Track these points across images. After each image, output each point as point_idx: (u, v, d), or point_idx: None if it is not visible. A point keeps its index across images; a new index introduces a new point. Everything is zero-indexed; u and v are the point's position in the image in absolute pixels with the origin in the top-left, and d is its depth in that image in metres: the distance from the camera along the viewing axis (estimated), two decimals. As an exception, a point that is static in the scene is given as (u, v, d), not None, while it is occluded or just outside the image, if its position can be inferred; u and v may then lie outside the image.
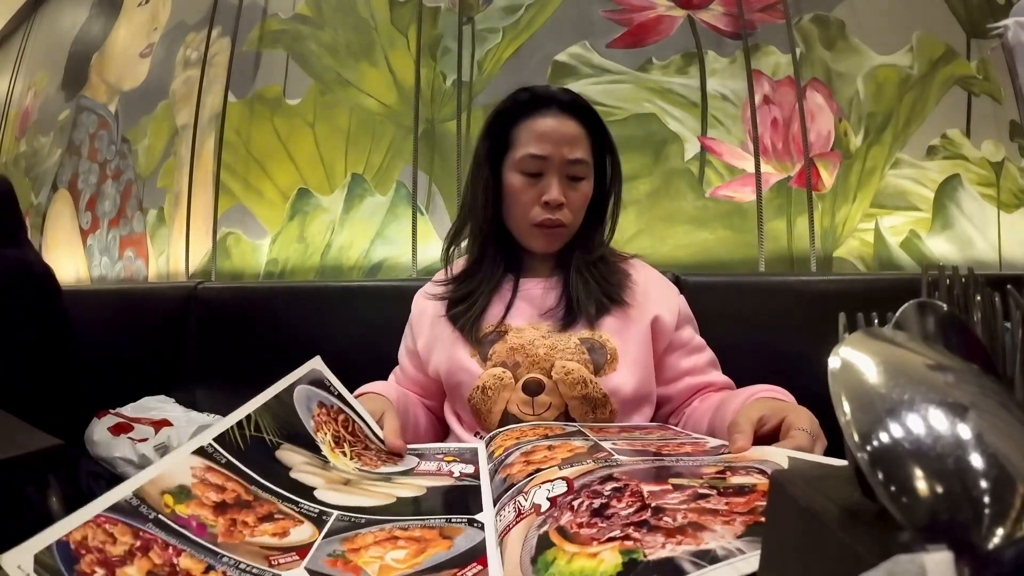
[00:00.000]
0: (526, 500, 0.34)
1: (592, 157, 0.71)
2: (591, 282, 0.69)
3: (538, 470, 0.40)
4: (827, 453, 0.45)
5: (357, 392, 0.66)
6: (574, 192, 0.70)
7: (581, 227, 0.74)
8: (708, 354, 0.73)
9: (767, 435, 0.47)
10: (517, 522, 0.33)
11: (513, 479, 0.40)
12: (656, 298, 0.72)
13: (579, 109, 0.70)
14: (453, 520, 0.36)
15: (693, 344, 0.72)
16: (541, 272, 0.75)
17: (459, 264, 0.78)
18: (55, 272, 1.31)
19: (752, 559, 0.24)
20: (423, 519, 0.36)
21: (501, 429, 0.55)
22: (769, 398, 0.55)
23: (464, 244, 0.78)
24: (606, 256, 0.74)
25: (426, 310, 0.76)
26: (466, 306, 0.71)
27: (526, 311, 0.70)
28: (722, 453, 0.42)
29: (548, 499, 0.33)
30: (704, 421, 0.62)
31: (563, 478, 0.35)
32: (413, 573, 0.30)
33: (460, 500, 0.40)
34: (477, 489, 0.42)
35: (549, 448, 0.46)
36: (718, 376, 0.71)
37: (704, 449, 0.45)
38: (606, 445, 0.44)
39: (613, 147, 0.74)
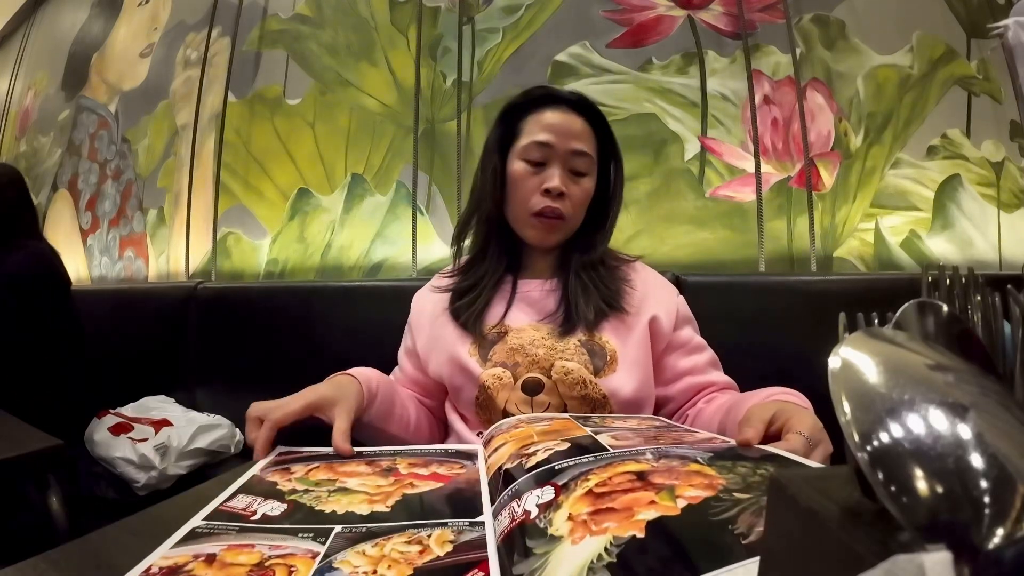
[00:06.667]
0: (519, 507, 0.35)
1: (596, 157, 0.72)
2: (590, 287, 0.70)
3: (525, 447, 0.42)
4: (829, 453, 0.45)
5: (339, 374, 0.64)
6: (576, 186, 0.71)
7: (581, 229, 0.74)
8: (709, 354, 0.73)
9: (772, 437, 0.47)
10: (511, 528, 0.33)
11: (502, 465, 0.42)
12: (654, 299, 0.72)
13: (588, 110, 0.72)
14: (451, 524, 0.36)
15: (693, 344, 0.72)
16: (541, 273, 0.75)
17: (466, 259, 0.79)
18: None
19: (751, 566, 0.24)
20: (423, 523, 0.36)
21: (497, 424, 0.54)
22: (783, 400, 0.54)
23: (467, 243, 0.78)
24: (606, 259, 0.74)
25: (424, 310, 0.76)
26: (469, 299, 0.71)
27: (526, 312, 0.71)
28: (721, 446, 0.42)
29: (537, 505, 0.34)
30: (715, 422, 0.61)
31: (552, 484, 0.35)
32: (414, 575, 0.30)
33: (460, 502, 0.40)
34: (477, 490, 0.42)
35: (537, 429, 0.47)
36: (719, 376, 0.71)
37: (701, 438, 0.45)
38: (601, 439, 0.44)
39: (618, 152, 0.75)
